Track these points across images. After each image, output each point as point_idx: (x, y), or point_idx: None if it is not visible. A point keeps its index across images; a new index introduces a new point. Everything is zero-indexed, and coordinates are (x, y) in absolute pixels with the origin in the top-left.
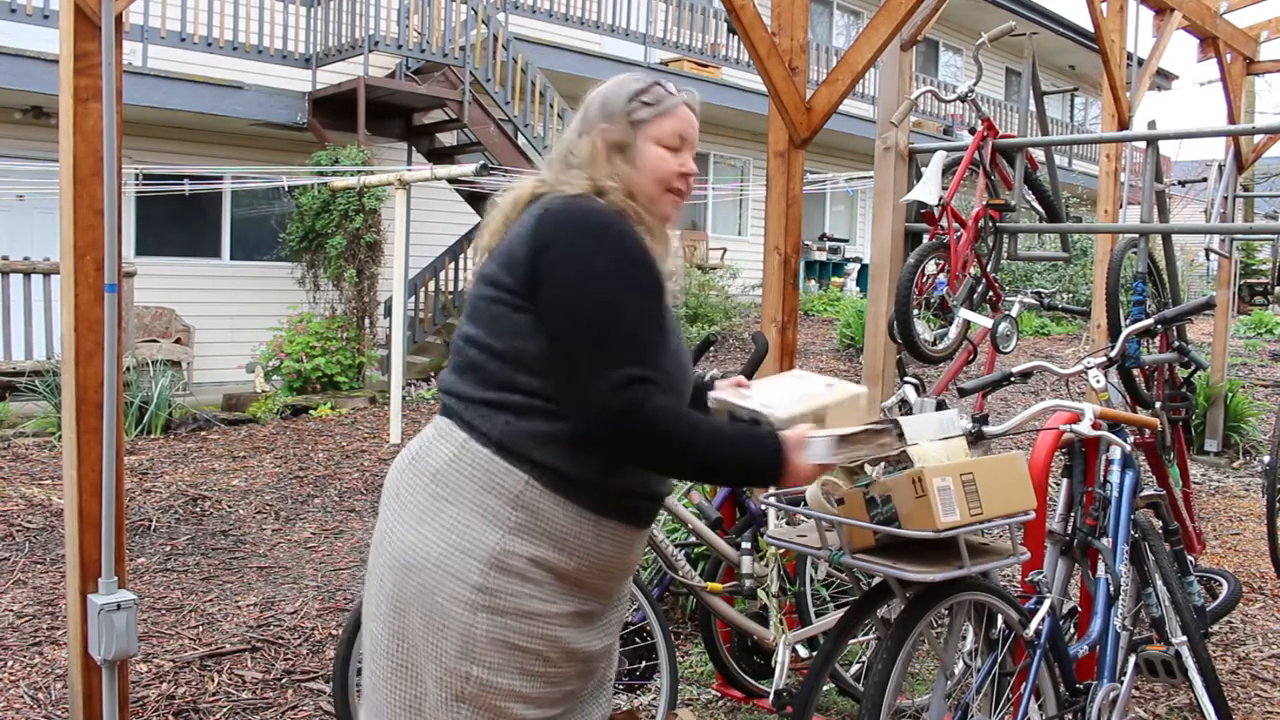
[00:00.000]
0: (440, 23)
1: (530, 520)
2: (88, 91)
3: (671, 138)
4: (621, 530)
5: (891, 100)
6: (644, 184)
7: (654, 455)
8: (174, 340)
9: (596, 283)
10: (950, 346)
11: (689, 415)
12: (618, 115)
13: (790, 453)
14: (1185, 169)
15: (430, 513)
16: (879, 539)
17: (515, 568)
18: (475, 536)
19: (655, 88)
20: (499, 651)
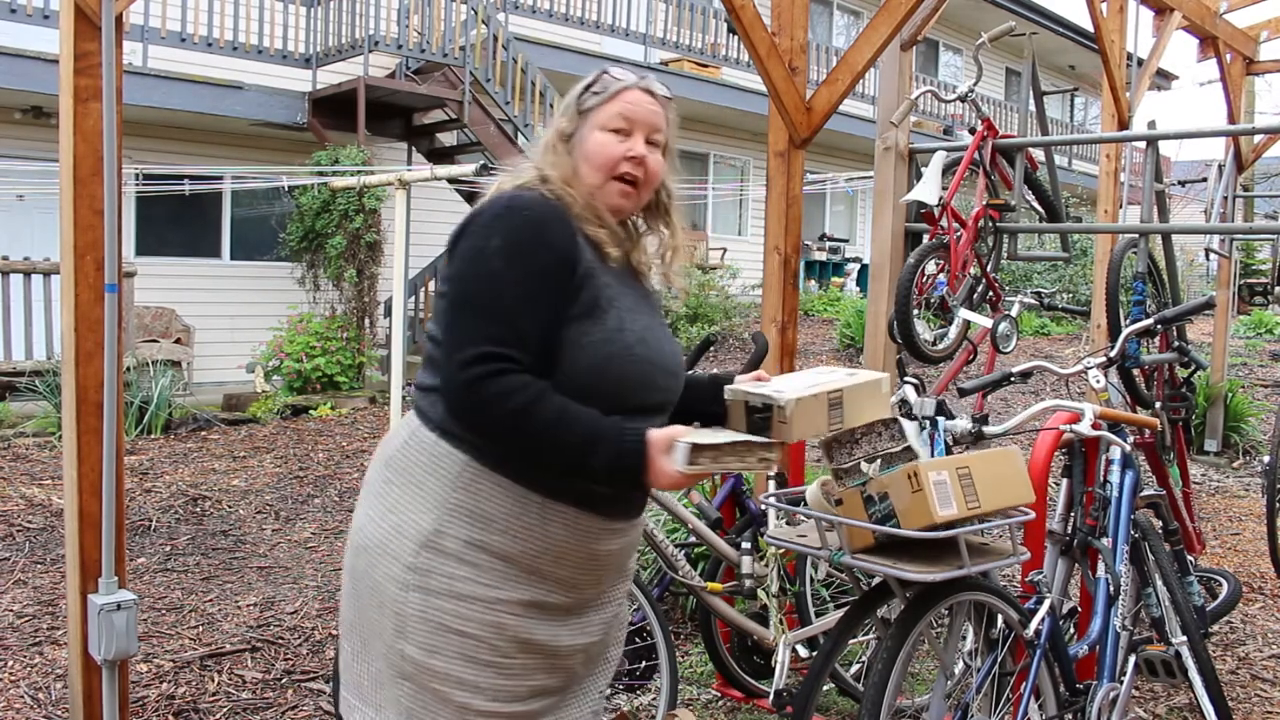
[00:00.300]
0: (440, 23)
1: (469, 501)
2: (88, 91)
3: (613, 119)
4: (575, 515)
5: (891, 100)
6: (585, 171)
7: (495, 432)
8: (174, 340)
9: (480, 260)
10: (950, 346)
11: (542, 398)
12: (570, 107)
13: (654, 452)
14: (1185, 169)
15: (379, 495)
16: (879, 538)
17: (450, 549)
18: (411, 517)
19: (603, 76)
20: (433, 633)
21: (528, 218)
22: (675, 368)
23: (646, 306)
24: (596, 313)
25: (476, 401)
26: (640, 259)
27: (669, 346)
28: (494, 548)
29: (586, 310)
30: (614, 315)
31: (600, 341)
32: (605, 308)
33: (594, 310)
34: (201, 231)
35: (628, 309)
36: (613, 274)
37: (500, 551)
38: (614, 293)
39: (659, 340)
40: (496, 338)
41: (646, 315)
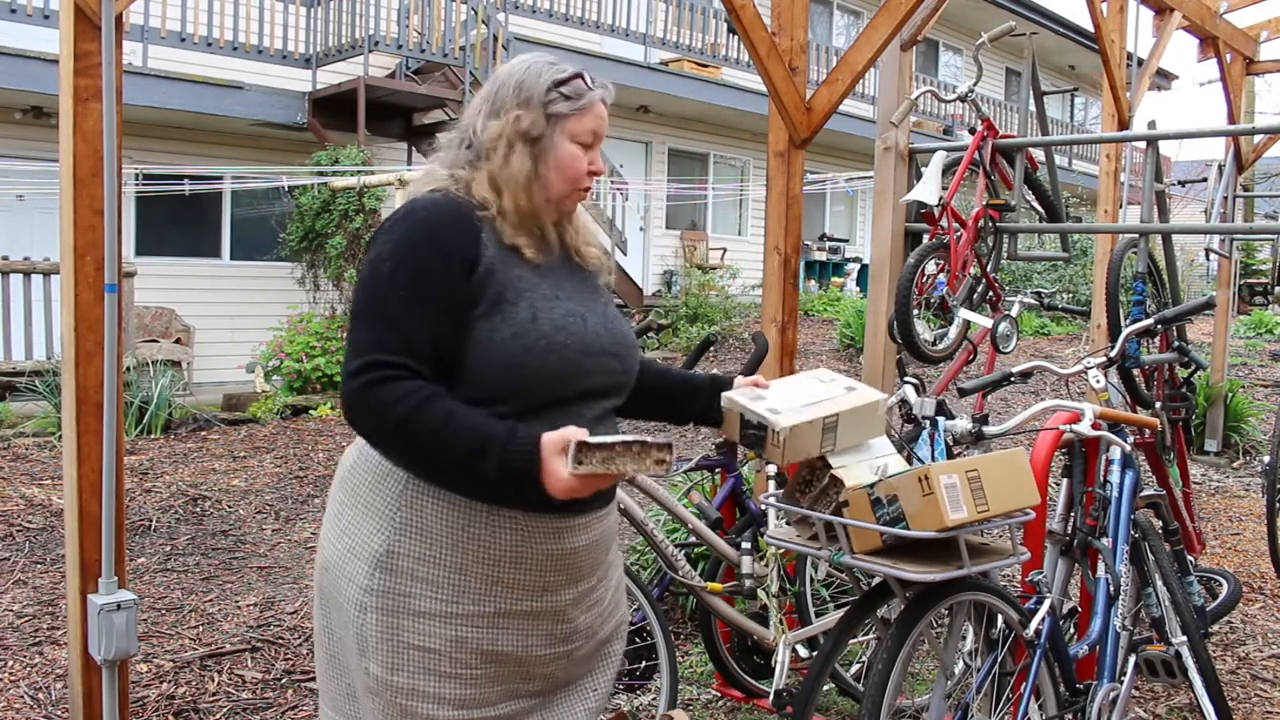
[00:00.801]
0: (440, 23)
1: (415, 518)
2: (88, 91)
3: (586, 135)
4: (525, 518)
5: (891, 100)
6: (553, 180)
7: (384, 441)
8: (174, 340)
9: (374, 267)
10: (950, 346)
11: (427, 404)
12: (534, 103)
13: (547, 456)
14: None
15: (334, 516)
16: (886, 540)
17: (403, 567)
18: (363, 538)
19: (576, 80)
20: (394, 651)
21: (420, 221)
22: (612, 347)
23: (576, 291)
24: (504, 308)
25: (363, 410)
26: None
27: (605, 327)
28: (446, 562)
29: (492, 307)
30: (524, 307)
31: (511, 337)
32: (513, 301)
33: (500, 306)
34: (201, 231)
35: (544, 297)
36: (529, 266)
37: (454, 565)
38: (526, 284)
39: (588, 323)
40: (384, 345)
41: (572, 300)
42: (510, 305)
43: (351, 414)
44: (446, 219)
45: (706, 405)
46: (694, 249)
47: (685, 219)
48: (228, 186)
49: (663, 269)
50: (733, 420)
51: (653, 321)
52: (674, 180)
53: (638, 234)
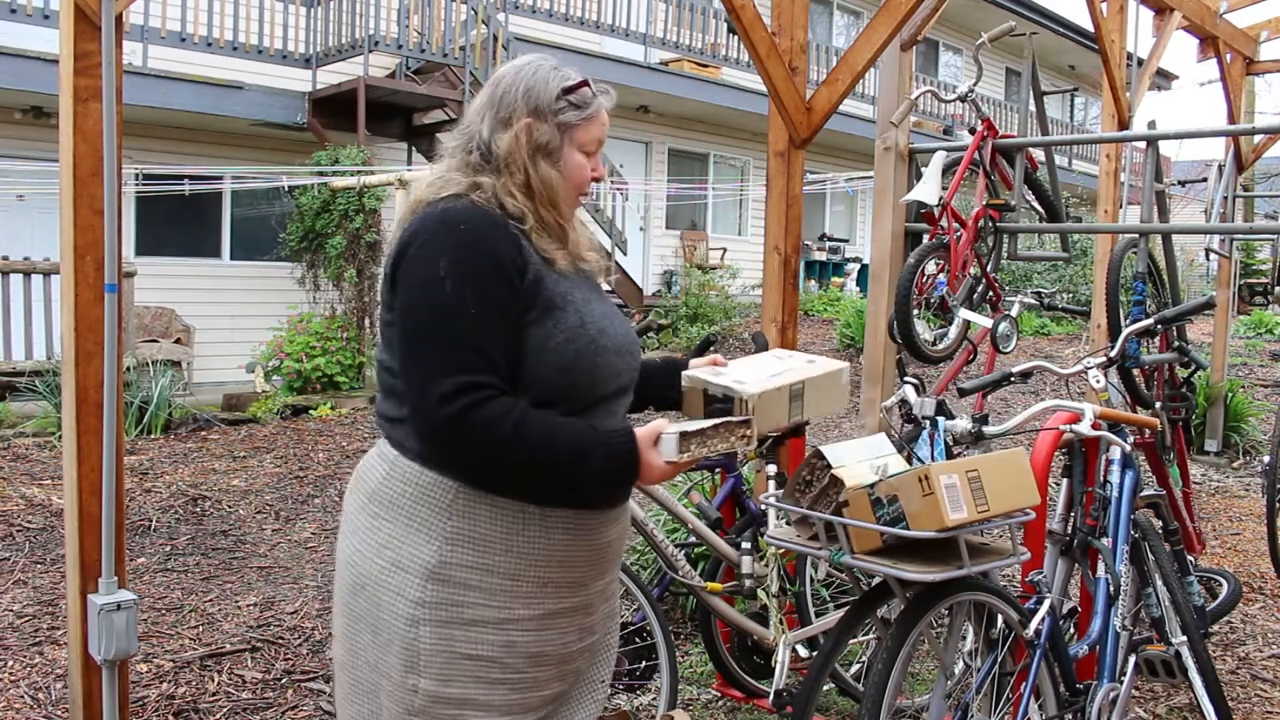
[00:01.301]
0: (440, 23)
1: (467, 527)
2: (88, 91)
3: (592, 144)
4: (575, 517)
5: (891, 100)
6: (565, 190)
7: (484, 463)
8: (174, 340)
9: (432, 286)
10: (950, 346)
11: (526, 419)
12: (545, 112)
13: (644, 450)
14: (1185, 169)
15: (370, 531)
16: (886, 540)
17: (456, 578)
18: (411, 551)
19: (583, 88)
20: (448, 662)
21: (465, 231)
22: (631, 346)
23: (595, 293)
24: (555, 313)
25: (463, 436)
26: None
27: (623, 327)
28: (500, 569)
29: (544, 313)
30: (572, 312)
31: (565, 341)
32: (562, 306)
33: (552, 311)
34: (201, 231)
35: (583, 301)
36: (560, 273)
37: (507, 571)
38: (565, 288)
39: (615, 324)
40: (468, 366)
41: (599, 302)
42: (560, 311)
43: (445, 441)
44: (490, 228)
45: (663, 385)
46: (694, 249)
47: (685, 219)
48: (228, 186)
49: (663, 269)
50: (695, 398)
51: (653, 321)
52: (674, 180)
53: (638, 234)
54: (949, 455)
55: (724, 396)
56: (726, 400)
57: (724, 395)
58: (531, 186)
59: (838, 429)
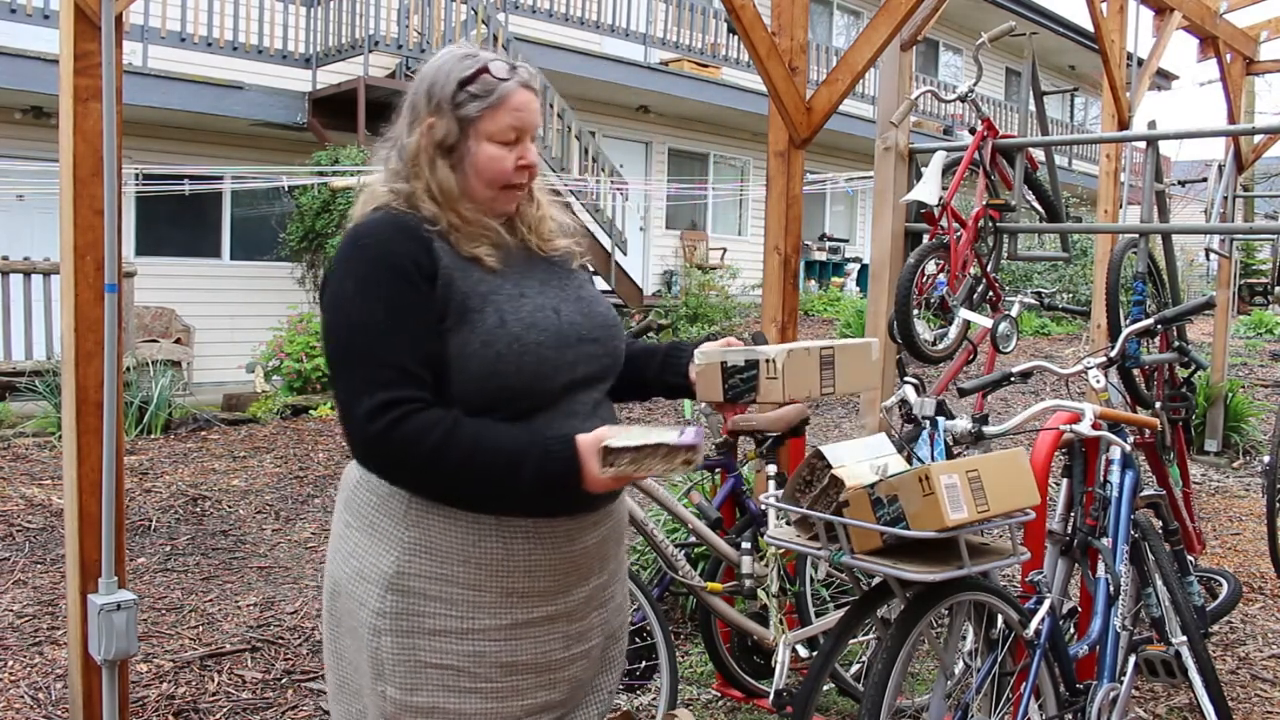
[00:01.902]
0: (440, 23)
1: (424, 537)
2: (88, 91)
3: (505, 133)
4: (535, 525)
5: (891, 100)
6: (476, 188)
7: (415, 478)
8: (174, 340)
9: (343, 308)
10: (950, 346)
11: (454, 431)
12: (445, 108)
13: (585, 458)
14: (1185, 169)
15: (341, 538)
16: (886, 540)
17: (415, 588)
18: (372, 561)
19: (483, 75)
20: (412, 671)
21: (368, 247)
22: (592, 333)
23: (545, 284)
24: (470, 317)
25: (389, 453)
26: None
27: (582, 314)
28: (460, 579)
29: (459, 318)
30: (491, 313)
31: (482, 346)
32: (478, 309)
33: (466, 316)
34: (201, 231)
35: (510, 298)
36: (489, 271)
37: (467, 582)
38: (488, 288)
39: (562, 314)
40: (387, 382)
41: (541, 295)
42: (476, 313)
43: (375, 459)
44: (392, 236)
45: (662, 370)
46: (694, 249)
47: (685, 219)
48: (228, 186)
49: (663, 269)
50: (711, 375)
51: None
52: (674, 180)
53: (638, 234)
54: (949, 455)
55: (747, 364)
56: (750, 367)
57: (746, 363)
58: (435, 189)
59: (837, 429)
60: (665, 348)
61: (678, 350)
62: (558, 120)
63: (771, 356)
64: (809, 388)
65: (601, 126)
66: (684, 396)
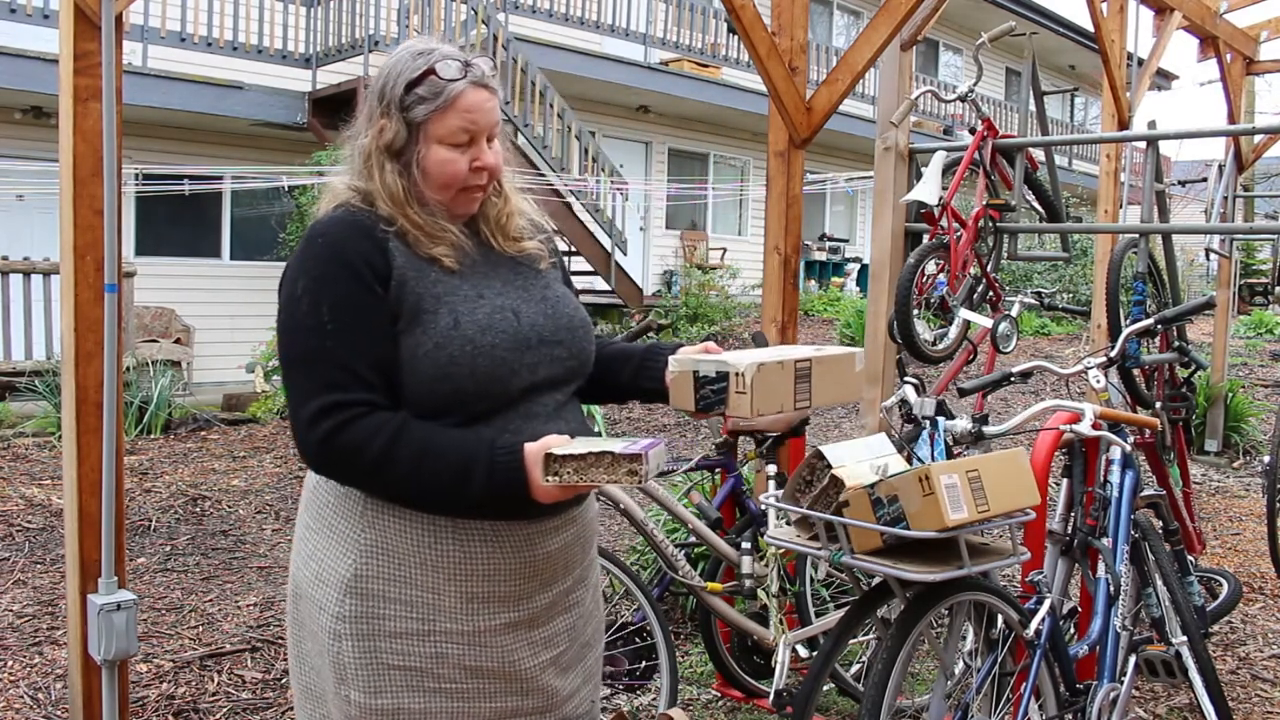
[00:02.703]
0: (440, 23)
1: (379, 539)
2: (88, 91)
3: (456, 135)
4: (494, 528)
5: (891, 100)
6: (428, 191)
7: (362, 482)
8: (174, 340)
9: (292, 309)
10: (950, 346)
11: (400, 436)
12: (393, 110)
13: (530, 468)
14: (1185, 169)
15: (302, 541)
16: (886, 540)
17: (374, 590)
18: (331, 564)
19: (430, 77)
20: (375, 674)
21: (321, 246)
22: (555, 334)
23: (507, 285)
24: (423, 319)
25: (333, 458)
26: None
27: (546, 315)
28: (417, 581)
29: (412, 320)
30: (445, 315)
31: (435, 349)
32: (432, 310)
33: (419, 317)
34: (201, 231)
35: (466, 299)
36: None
37: (425, 584)
38: (444, 289)
39: (522, 316)
40: (333, 384)
41: (501, 296)
42: (429, 315)
43: (319, 465)
44: (347, 236)
45: (636, 374)
46: (694, 249)
47: (685, 219)
48: (228, 186)
49: (663, 269)
50: (684, 383)
51: (652, 321)
52: (674, 180)
53: (638, 234)
54: (949, 455)
55: (717, 375)
56: (720, 379)
57: (717, 374)
58: (385, 191)
59: (838, 429)
60: (641, 351)
61: (654, 354)
62: (558, 120)
63: (741, 370)
64: (781, 402)
65: (601, 126)
66: (659, 401)
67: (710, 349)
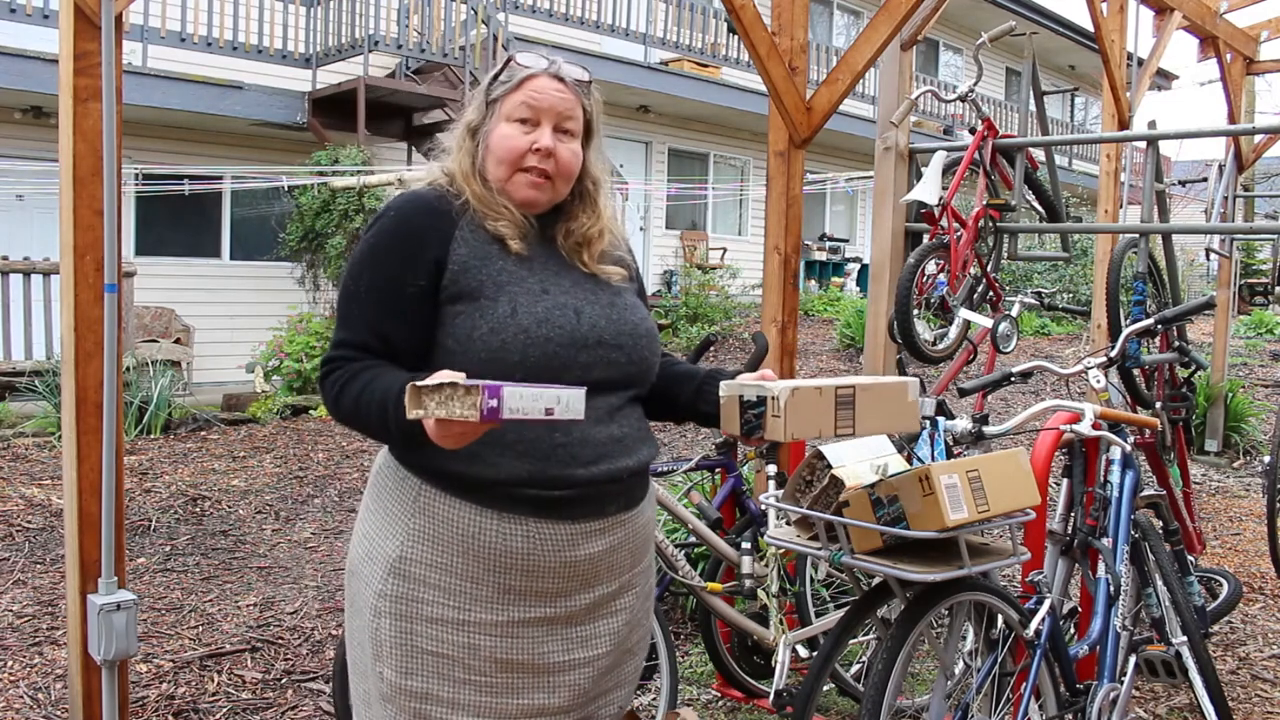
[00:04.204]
0: (440, 23)
1: (427, 525)
2: (88, 91)
3: (517, 109)
4: (537, 526)
5: (891, 100)
6: (490, 164)
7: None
8: (174, 340)
9: (346, 274)
10: (950, 346)
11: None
12: (480, 97)
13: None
14: (1185, 169)
15: (360, 520)
16: (886, 540)
17: (415, 574)
18: (381, 543)
19: (510, 64)
20: (408, 655)
21: (388, 222)
22: (615, 339)
23: (576, 285)
24: (482, 304)
25: (326, 401)
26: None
27: (608, 319)
28: (458, 570)
29: (471, 304)
30: (504, 303)
31: (489, 333)
32: (492, 296)
33: (478, 302)
34: (201, 231)
35: (529, 292)
36: (516, 260)
37: (465, 573)
38: (508, 278)
39: (582, 316)
40: (346, 342)
41: (567, 295)
42: (489, 301)
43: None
44: (416, 218)
45: (696, 391)
46: (694, 249)
47: (685, 219)
48: (228, 186)
49: (663, 269)
50: (731, 408)
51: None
52: (674, 180)
53: (638, 234)
54: (949, 455)
55: (758, 399)
56: (761, 403)
57: (758, 398)
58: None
59: None
60: (703, 375)
61: (713, 378)
62: None
63: (775, 393)
64: (820, 427)
65: (602, 126)
66: (715, 426)
67: (767, 376)
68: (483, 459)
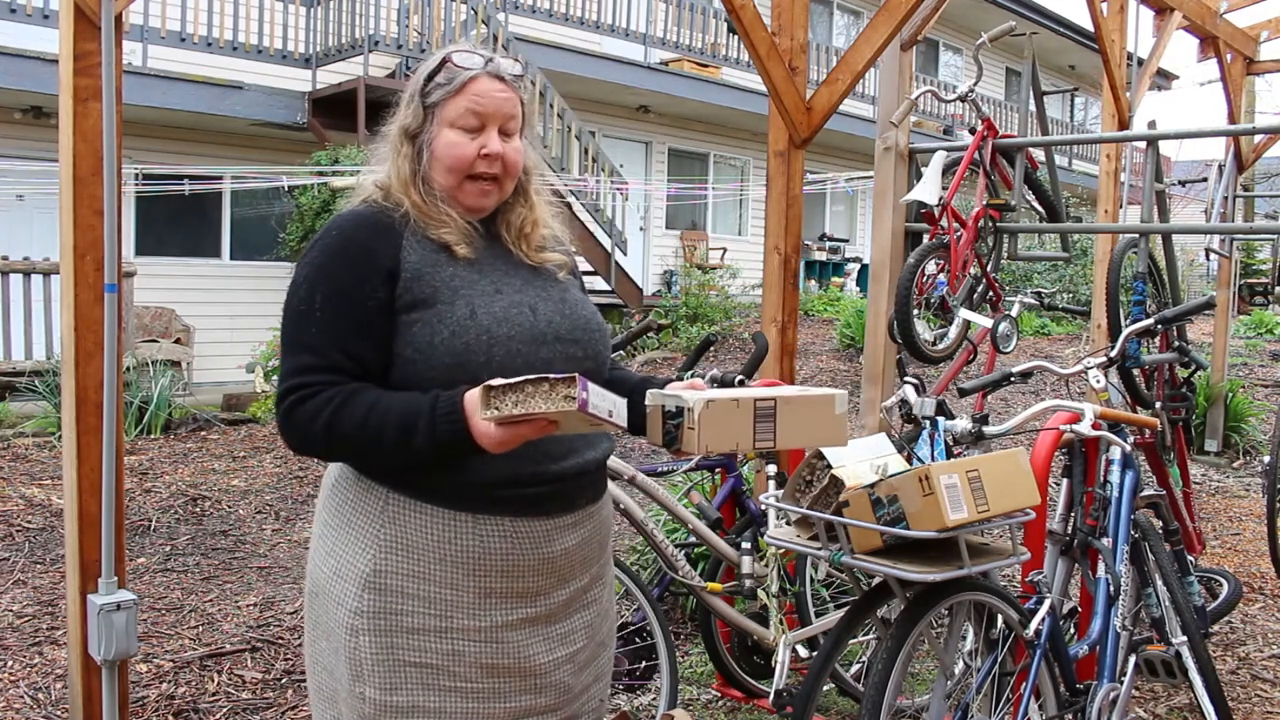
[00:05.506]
0: (440, 23)
1: (399, 534)
2: (88, 91)
3: (464, 117)
4: (513, 524)
5: (891, 100)
6: (438, 173)
7: (321, 452)
8: (174, 340)
9: (292, 294)
10: (950, 346)
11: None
12: (415, 98)
13: (470, 413)
14: (1185, 169)
15: (320, 538)
16: (886, 540)
17: (393, 586)
18: (349, 559)
19: (447, 64)
20: (392, 670)
21: (333, 239)
22: (571, 334)
23: (527, 283)
24: (439, 309)
25: (292, 432)
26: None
27: (562, 314)
28: (436, 577)
29: (427, 311)
30: (461, 305)
31: (450, 336)
32: (449, 300)
33: (435, 308)
34: (201, 231)
35: (484, 294)
36: (465, 264)
37: (444, 580)
38: (461, 282)
39: (538, 312)
40: (303, 367)
41: (520, 293)
42: (445, 305)
43: (286, 440)
44: (360, 233)
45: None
46: (694, 249)
47: (685, 219)
48: (228, 186)
49: (663, 269)
50: (655, 418)
51: (652, 321)
52: (674, 180)
53: (638, 234)
54: (949, 455)
55: (677, 410)
56: (679, 415)
57: (676, 409)
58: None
59: None
60: (635, 382)
61: (644, 386)
62: (558, 120)
63: (690, 405)
64: (737, 439)
65: (601, 126)
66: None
67: (696, 385)
68: (462, 462)
